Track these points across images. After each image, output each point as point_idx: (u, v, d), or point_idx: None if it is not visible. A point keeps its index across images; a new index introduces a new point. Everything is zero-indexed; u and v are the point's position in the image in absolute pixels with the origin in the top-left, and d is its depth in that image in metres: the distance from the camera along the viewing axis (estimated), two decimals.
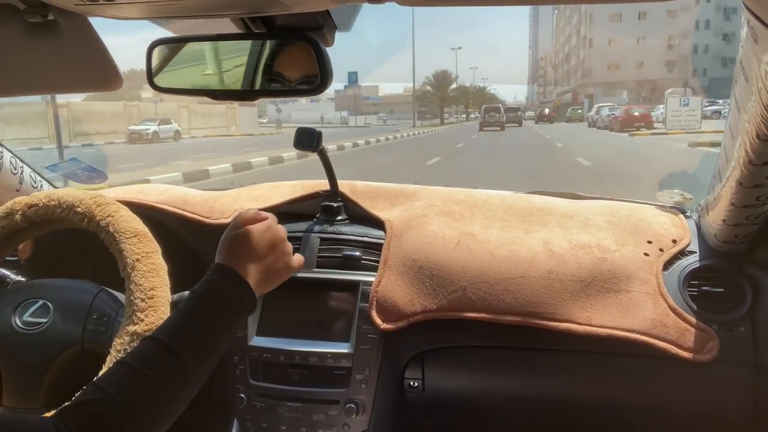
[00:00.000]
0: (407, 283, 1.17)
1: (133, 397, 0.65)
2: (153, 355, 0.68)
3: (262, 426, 1.22)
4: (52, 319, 0.98)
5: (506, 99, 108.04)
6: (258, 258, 0.81)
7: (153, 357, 0.68)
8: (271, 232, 0.84)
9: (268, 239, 0.83)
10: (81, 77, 0.90)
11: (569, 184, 9.04)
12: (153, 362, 0.68)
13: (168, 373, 0.68)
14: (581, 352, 1.14)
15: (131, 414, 0.64)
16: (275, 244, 0.84)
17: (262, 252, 0.82)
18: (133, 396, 0.65)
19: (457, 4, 0.67)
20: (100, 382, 0.65)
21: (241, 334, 1.23)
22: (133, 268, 0.94)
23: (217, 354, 0.75)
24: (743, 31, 0.73)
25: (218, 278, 0.78)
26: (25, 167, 1.34)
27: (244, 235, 0.82)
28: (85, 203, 1.01)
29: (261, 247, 0.81)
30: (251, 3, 0.73)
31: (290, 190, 1.39)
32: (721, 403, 1.12)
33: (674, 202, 1.34)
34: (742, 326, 1.08)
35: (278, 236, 0.85)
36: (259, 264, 0.81)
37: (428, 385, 1.22)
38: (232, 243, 0.81)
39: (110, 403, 0.63)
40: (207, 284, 0.77)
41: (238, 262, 0.79)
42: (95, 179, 1.65)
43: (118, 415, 0.63)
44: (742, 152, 0.86)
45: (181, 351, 0.69)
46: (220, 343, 0.76)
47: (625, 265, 1.13)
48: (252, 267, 0.80)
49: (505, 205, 1.29)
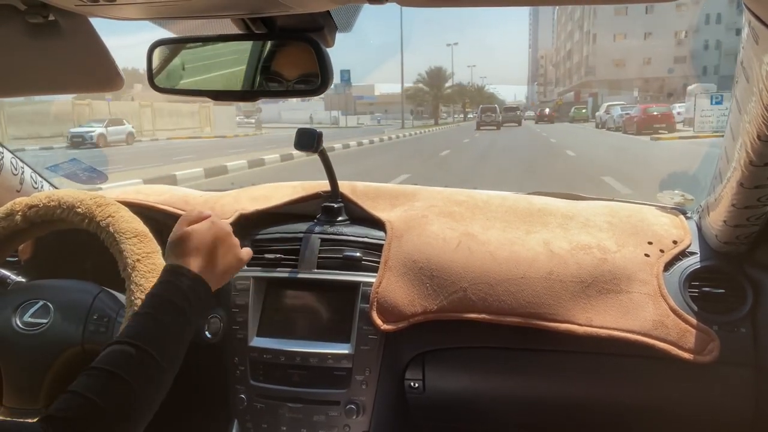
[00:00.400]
0: (408, 283, 1.17)
1: (116, 403, 0.66)
2: (128, 359, 0.70)
3: (263, 427, 1.22)
4: (52, 320, 0.98)
5: (506, 98, 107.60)
6: (206, 254, 0.84)
7: (128, 360, 0.70)
8: (215, 227, 0.86)
9: (213, 234, 0.85)
10: (81, 78, 0.90)
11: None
12: (129, 366, 0.69)
13: (144, 376, 0.70)
14: (582, 353, 1.14)
15: (116, 419, 0.66)
16: (221, 239, 0.86)
17: (210, 248, 0.84)
18: (116, 401, 0.66)
19: (457, 5, 0.67)
20: (82, 389, 0.66)
21: (242, 335, 1.23)
22: (134, 269, 0.94)
23: (183, 350, 0.77)
24: (744, 31, 0.73)
25: (173, 278, 0.80)
26: (26, 168, 1.34)
27: (188, 234, 0.84)
28: (86, 204, 1.01)
29: (207, 244, 0.84)
30: (252, 4, 0.73)
31: (291, 190, 1.39)
32: (721, 404, 1.12)
33: (675, 203, 1.34)
34: (742, 327, 1.08)
35: (223, 231, 0.88)
36: (208, 259, 0.83)
37: (429, 386, 1.22)
38: (179, 243, 0.83)
39: (96, 410, 0.65)
40: (163, 285, 0.79)
41: (188, 260, 0.82)
42: (96, 180, 1.65)
43: (106, 423, 0.65)
44: (743, 153, 0.86)
45: (152, 352, 0.71)
46: (185, 340, 0.78)
47: (626, 265, 1.12)
48: (202, 263, 0.82)
49: (505, 205, 1.29)
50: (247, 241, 1.32)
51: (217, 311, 1.28)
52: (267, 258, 1.27)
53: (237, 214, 1.30)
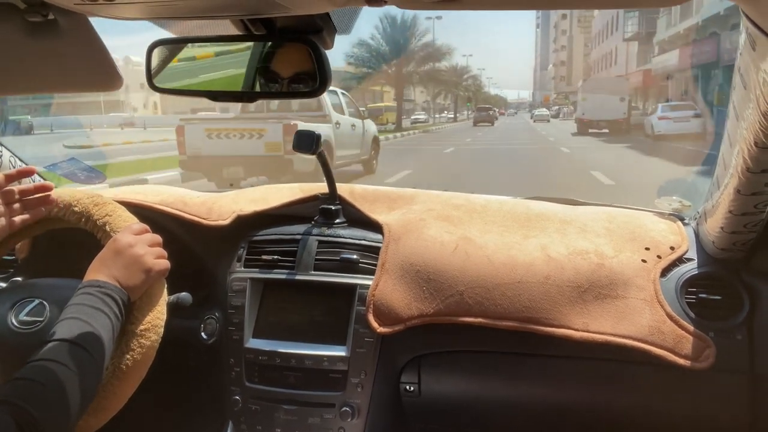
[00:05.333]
0: (404, 286, 1.17)
1: (62, 384, 0.75)
2: (68, 354, 0.79)
3: (257, 429, 1.21)
4: (48, 318, 0.98)
5: (507, 96, 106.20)
6: (112, 264, 0.92)
7: (69, 355, 0.79)
8: (114, 243, 0.94)
9: (112, 250, 0.94)
10: (80, 77, 0.90)
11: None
12: (70, 359, 0.79)
13: (80, 365, 0.79)
14: (578, 358, 1.14)
15: (63, 393, 0.75)
16: (119, 251, 0.94)
17: (107, 262, 0.93)
18: (60, 384, 0.75)
19: (456, 8, 0.67)
20: (29, 374, 0.75)
21: (238, 336, 1.23)
22: None
23: (109, 343, 0.86)
24: (741, 38, 0.73)
25: (89, 290, 0.89)
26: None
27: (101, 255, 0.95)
28: (83, 203, 1.01)
29: (107, 258, 0.94)
30: (251, 5, 0.73)
31: (289, 192, 1.39)
32: (717, 410, 1.12)
33: (673, 209, 1.34)
34: (739, 334, 1.08)
35: (120, 243, 0.94)
36: (107, 273, 0.92)
37: (424, 389, 1.22)
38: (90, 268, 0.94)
39: (42, 388, 0.74)
40: (83, 296, 0.87)
41: (96, 274, 0.91)
42: (94, 179, 1.65)
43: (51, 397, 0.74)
44: (740, 160, 0.86)
45: (88, 348, 0.81)
46: (110, 334, 0.86)
47: (623, 271, 1.12)
48: (108, 271, 0.91)
49: (503, 210, 1.29)
50: (244, 242, 1.32)
51: (213, 312, 1.28)
52: (264, 259, 1.27)
53: (234, 216, 1.30)
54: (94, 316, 0.85)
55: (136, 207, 1.17)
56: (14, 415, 0.68)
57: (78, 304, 0.86)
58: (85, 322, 0.83)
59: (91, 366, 0.81)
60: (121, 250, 0.93)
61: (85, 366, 0.80)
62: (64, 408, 0.75)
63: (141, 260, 0.93)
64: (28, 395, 0.72)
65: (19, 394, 0.71)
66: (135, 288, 0.92)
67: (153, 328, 0.93)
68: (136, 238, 0.95)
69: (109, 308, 0.87)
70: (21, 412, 0.69)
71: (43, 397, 0.73)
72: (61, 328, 0.82)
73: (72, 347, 0.80)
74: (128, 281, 0.91)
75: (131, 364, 0.90)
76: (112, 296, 0.88)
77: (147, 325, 0.92)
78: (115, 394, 0.89)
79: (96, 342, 0.83)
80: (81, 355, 0.80)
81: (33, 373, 0.75)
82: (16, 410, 0.68)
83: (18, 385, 0.73)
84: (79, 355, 0.79)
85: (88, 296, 0.87)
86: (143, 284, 0.93)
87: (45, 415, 0.71)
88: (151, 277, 0.94)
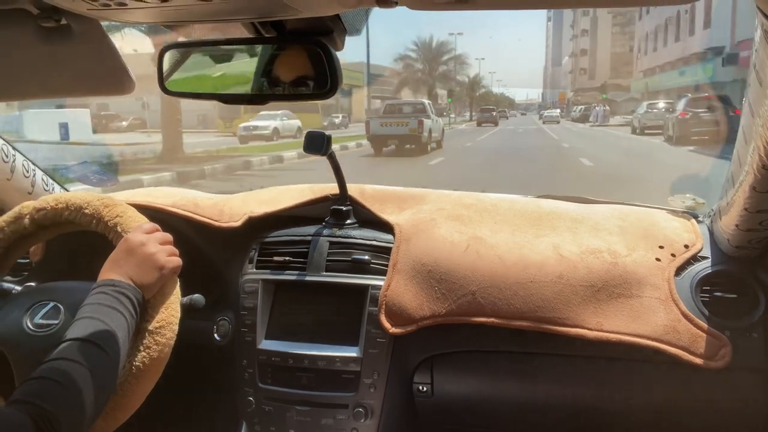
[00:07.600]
0: (416, 287, 1.17)
1: (78, 382, 0.76)
2: (84, 353, 0.80)
3: (271, 429, 1.22)
4: (63, 321, 0.98)
5: (515, 96, 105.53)
6: (124, 264, 0.93)
7: (85, 354, 0.80)
8: (125, 243, 0.95)
9: (123, 249, 0.95)
10: (94, 81, 0.91)
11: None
12: (86, 357, 0.79)
13: (96, 364, 0.80)
14: (592, 358, 1.13)
15: (79, 391, 0.76)
16: (130, 250, 0.94)
17: (120, 261, 0.94)
18: (76, 382, 0.76)
19: (466, 8, 0.67)
20: (46, 373, 0.75)
21: (250, 337, 1.23)
22: None
23: (125, 341, 0.87)
24: (757, 34, 0.72)
25: (103, 288, 0.89)
26: (37, 170, 1.36)
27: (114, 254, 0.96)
28: (93, 205, 1.02)
29: (119, 258, 0.95)
30: (261, 8, 0.73)
31: (299, 193, 1.39)
32: (733, 409, 1.11)
33: (686, 206, 1.33)
34: (755, 332, 1.06)
35: (133, 242, 0.95)
36: (120, 272, 0.92)
37: (437, 389, 1.21)
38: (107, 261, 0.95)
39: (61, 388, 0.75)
40: (98, 296, 0.88)
41: (109, 274, 0.92)
42: (106, 182, 1.66)
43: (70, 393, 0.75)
44: (755, 156, 0.85)
45: (104, 346, 0.82)
46: (125, 333, 0.88)
47: (637, 270, 1.12)
48: (121, 270, 0.92)
49: (513, 209, 1.28)
50: (256, 243, 1.32)
51: (225, 314, 1.28)
52: (275, 261, 1.28)
53: (246, 217, 1.31)
54: (110, 315, 0.85)
55: (147, 209, 1.17)
56: (31, 413, 0.68)
57: (93, 303, 0.86)
58: (101, 321, 0.84)
59: (108, 364, 0.82)
60: (133, 248, 0.94)
61: (101, 364, 0.80)
62: (80, 406, 0.75)
63: (153, 258, 0.93)
64: (44, 394, 0.72)
65: (35, 393, 0.72)
66: (149, 286, 0.93)
67: (168, 325, 0.94)
68: (147, 237, 0.95)
69: (123, 306, 0.87)
70: (38, 410, 0.69)
71: (59, 396, 0.73)
72: (77, 328, 0.82)
73: (88, 346, 0.80)
74: (142, 279, 0.92)
75: (147, 362, 0.90)
76: (126, 294, 0.88)
77: (162, 322, 0.93)
78: (133, 392, 0.89)
79: (112, 340, 0.83)
80: (97, 353, 0.80)
81: (49, 371, 0.76)
82: (32, 409, 0.69)
83: (34, 384, 0.74)
84: (95, 354, 0.80)
85: (103, 295, 0.87)
86: (157, 282, 0.94)
87: (61, 413, 0.71)
88: (164, 275, 0.94)
